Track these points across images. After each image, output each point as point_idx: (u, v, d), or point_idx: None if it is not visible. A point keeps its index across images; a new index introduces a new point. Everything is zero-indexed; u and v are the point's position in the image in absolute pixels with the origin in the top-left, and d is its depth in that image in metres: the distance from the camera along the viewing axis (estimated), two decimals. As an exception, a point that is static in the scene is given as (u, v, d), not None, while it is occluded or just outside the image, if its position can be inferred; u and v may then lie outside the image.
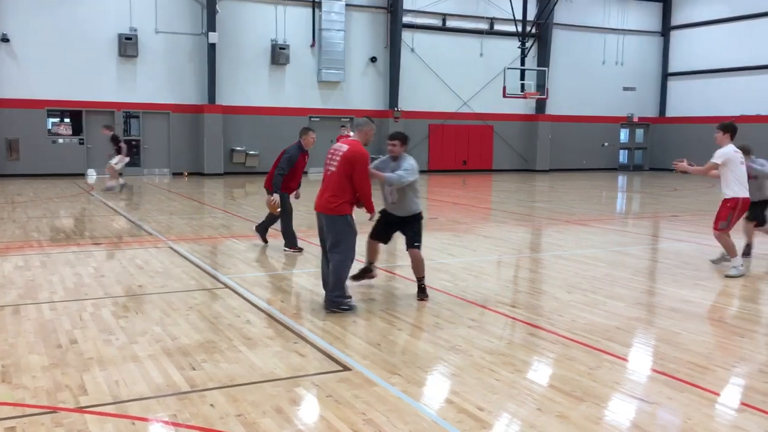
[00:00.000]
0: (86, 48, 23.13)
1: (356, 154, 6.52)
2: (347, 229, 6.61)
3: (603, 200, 20.27)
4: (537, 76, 28.08)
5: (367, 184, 6.61)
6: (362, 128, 6.87)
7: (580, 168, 31.76)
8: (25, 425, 4.04)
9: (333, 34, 26.16)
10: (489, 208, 17.04)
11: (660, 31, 33.22)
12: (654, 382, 4.94)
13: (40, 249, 9.89)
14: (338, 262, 6.60)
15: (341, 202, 6.53)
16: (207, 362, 5.16)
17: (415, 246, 7.13)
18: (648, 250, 11.06)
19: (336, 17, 26.16)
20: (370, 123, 6.94)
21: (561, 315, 6.66)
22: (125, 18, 23.54)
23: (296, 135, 9.73)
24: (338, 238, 6.61)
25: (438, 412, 4.35)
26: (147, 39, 23.87)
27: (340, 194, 6.53)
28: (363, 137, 6.82)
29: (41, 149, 23.08)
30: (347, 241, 6.63)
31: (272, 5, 25.57)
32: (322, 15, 25.99)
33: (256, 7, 25.41)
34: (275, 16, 25.66)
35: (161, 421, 4.15)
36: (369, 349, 5.54)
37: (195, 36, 24.55)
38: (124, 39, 23.34)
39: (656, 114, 33.83)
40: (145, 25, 23.81)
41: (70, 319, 6.27)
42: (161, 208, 15.28)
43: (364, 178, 6.57)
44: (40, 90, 22.75)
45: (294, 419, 4.18)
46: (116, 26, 23.45)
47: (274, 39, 25.63)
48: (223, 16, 24.61)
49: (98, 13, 23.22)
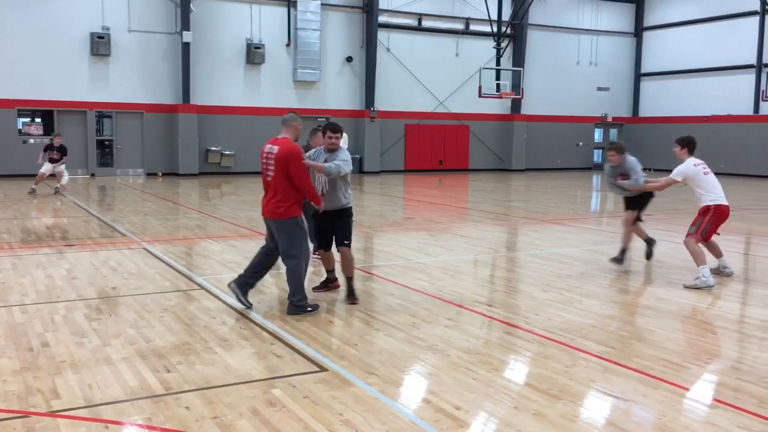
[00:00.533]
0: (58, 47, 22.79)
1: (288, 151, 6.45)
2: (298, 231, 6.56)
3: (578, 199, 20.45)
4: (512, 76, 28.26)
5: (306, 179, 6.51)
6: (290, 124, 6.73)
7: (555, 167, 32.02)
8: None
9: (309, 34, 26.07)
10: (465, 208, 17.10)
11: (633, 32, 33.62)
12: (629, 379, 4.98)
13: (11, 251, 9.72)
14: (293, 267, 6.55)
15: (288, 206, 6.46)
16: (182, 364, 5.11)
17: (344, 244, 7.00)
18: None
19: (312, 17, 26.08)
20: (297, 118, 6.80)
21: (537, 314, 6.70)
22: (97, 16, 23.23)
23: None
24: (289, 241, 6.56)
25: (415, 411, 4.35)
26: (120, 38, 23.59)
27: (286, 198, 6.46)
28: (292, 133, 6.70)
29: (11, 149, 22.69)
30: (299, 244, 6.58)
31: (247, 4, 25.42)
32: (298, 14, 25.88)
33: (230, 6, 25.23)
34: (250, 15, 25.50)
35: (136, 425, 4.10)
36: (346, 350, 5.53)
37: (169, 35, 24.32)
38: (97, 38, 23.03)
39: (630, 114, 34.22)
40: (117, 23, 23.52)
41: (41, 321, 6.17)
42: (135, 208, 15.11)
43: (302, 173, 6.47)
44: (11, 89, 22.36)
45: (271, 421, 4.16)
46: (88, 25, 23.13)
47: (249, 38, 25.48)
48: (197, 15, 24.40)
49: (70, 11, 22.89)
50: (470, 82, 28.60)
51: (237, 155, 25.01)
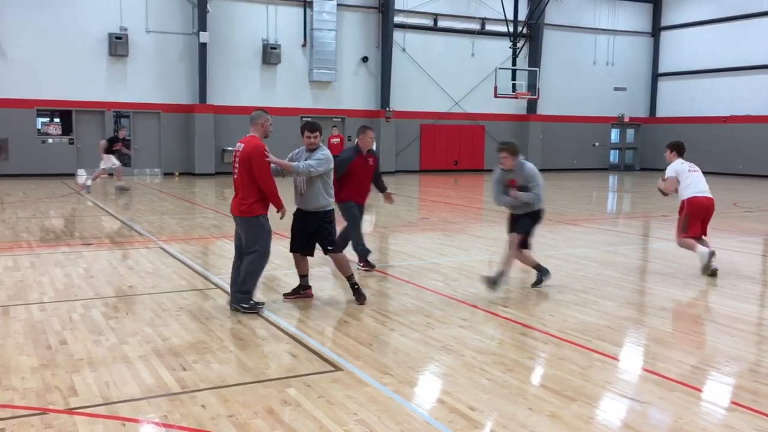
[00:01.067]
0: (76, 47, 23.01)
1: (251, 149, 6.43)
2: (260, 229, 6.56)
3: (594, 200, 20.34)
4: (528, 76, 28.15)
5: (267, 178, 6.45)
6: (257, 121, 6.65)
7: (570, 168, 31.85)
8: (14, 427, 4.01)
9: (324, 34, 26.13)
10: (480, 208, 17.06)
11: (650, 32, 33.37)
12: (645, 381, 4.95)
13: (30, 249, 9.83)
14: (250, 262, 6.57)
15: (251, 203, 6.47)
16: (198, 363, 5.14)
17: (329, 251, 6.89)
18: (638, 250, 11.10)
19: (327, 17, 26.13)
20: (263, 115, 6.71)
21: (552, 315, 6.67)
22: (115, 17, 23.42)
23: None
24: (252, 239, 6.57)
25: (429, 412, 4.35)
26: (138, 38, 23.77)
27: (248, 195, 6.47)
28: (260, 130, 6.64)
29: (31, 149, 22.94)
30: (261, 242, 6.58)
31: (263, 5, 25.52)
32: (314, 15, 25.95)
33: (247, 6, 25.35)
34: (266, 16, 25.61)
35: (152, 422, 4.13)
36: (361, 349, 5.54)
37: (186, 36, 24.47)
38: (115, 38, 23.23)
39: (647, 114, 33.98)
40: (135, 24, 23.71)
41: (59, 319, 6.24)
42: (152, 208, 15.22)
43: (263, 171, 6.42)
44: (30, 90, 22.61)
45: (286, 420, 4.17)
46: (107, 25, 23.33)
47: (265, 39, 25.58)
48: (214, 15, 24.53)
49: (88, 13, 23.10)
50: (486, 83, 28.53)
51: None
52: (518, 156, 7.27)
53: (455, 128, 29.47)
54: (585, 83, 31.92)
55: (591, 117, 32.30)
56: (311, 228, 6.88)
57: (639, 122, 33.87)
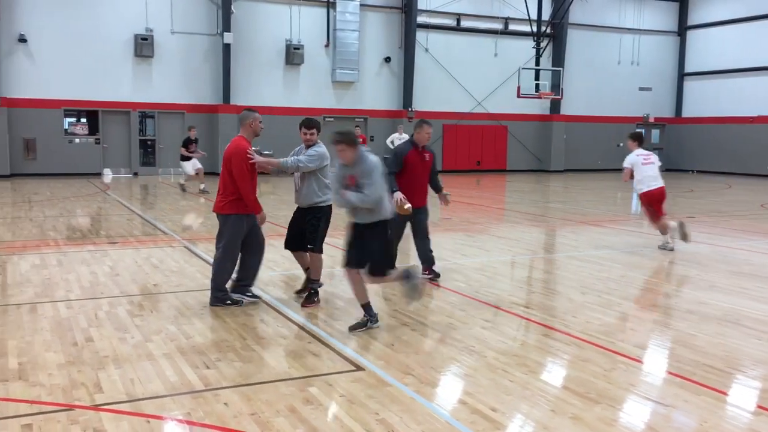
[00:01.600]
0: (103, 48, 23.29)
1: (232, 150, 6.54)
2: (230, 228, 6.66)
3: (618, 201, 20.15)
4: (552, 76, 27.97)
5: (243, 179, 6.49)
6: (245, 121, 6.71)
7: (594, 168, 31.59)
8: (41, 423, 4.07)
9: (347, 34, 26.18)
10: (503, 209, 16.99)
11: (676, 31, 32.98)
12: (669, 384, 4.90)
13: (57, 248, 9.97)
14: (216, 260, 6.74)
15: (229, 201, 6.60)
16: (221, 361, 5.18)
17: (308, 249, 6.82)
18: (663, 252, 10.98)
19: (350, 17, 26.18)
20: (252, 114, 6.75)
21: (575, 316, 6.63)
22: (141, 18, 23.68)
23: None
24: (221, 235, 6.71)
25: (451, 412, 4.35)
26: (163, 39, 24.00)
27: (228, 193, 6.59)
28: (248, 131, 6.69)
29: (58, 149, 23.27)
30: (228, 241, 6.68)
31: (287, 5, 25.64)
32: (337, 15, 26.02)
33: (270, 7, 25.49)
34: (290, 17, 25.72)
35: (176, 420, 4.17)
36: (382, 350, 5.54)
37: (210, 36, 24.67)
38: (140, 39, 23.48)
39: (672, 114, 33.59)
40: (160, 25, 23.95)
41: (86, 317, 6.32)
42: (176, 207, 15.37)
43: (241, 172, 6.47)
44: (57, 90, 22.93)
45: (307, 418, 4.19)
46: (132, 27, 23.59)
47: (288, 39, 25.70)
48: (238, 16, 24.70)
49: (115, 14, 23.38)
50: (509, 83, 28.39)
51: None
52: (357, 147, 5.88)
53: (478, 128, 29.37)
54: (609, 83, 31.63)
55: (615, 117, 32.00)
56: (304, 224, 6.89)
57: (664, 122, 33.50)
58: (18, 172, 22.55)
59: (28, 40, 22.44)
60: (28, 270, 8.35)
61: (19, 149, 22.72)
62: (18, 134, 22.67)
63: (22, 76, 22.56)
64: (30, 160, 22.93)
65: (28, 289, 7.35)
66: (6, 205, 15.03)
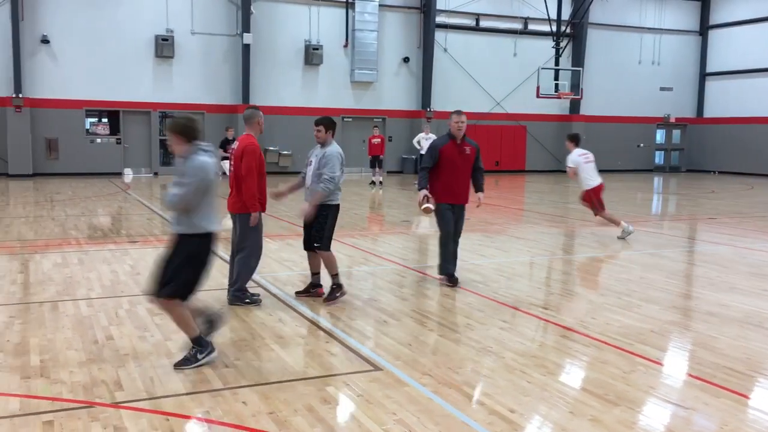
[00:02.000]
0: (124, 49, 23.52)
1: (243, 148, 6.63)
2: (251, 227, 6.71)
3: (638, 202, 19.98)
4: (571, 76, 27.82)
5: (249, 176, 6.56)
6: (251, 120, 6.81)
7: (614, 169, 31.33)
8: (62, 419, 4.12)
9: (366, 35, 26.21)
10: (521, 209, 16.92)
11: (698, 31, 32.65)
12: (690, 387, 4.86)
13: (78, 246, 10.08)
14: (241, 259, 6.77)
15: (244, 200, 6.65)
16: (240, 360, 5.21)
17: (315, 247, 6.85)
18: (684, 253, 10.88)
19: (369, 17, 26.21)
20: (258, 113, 6.83)
21: (594, 317, 6.58)
22: (162, 19, 23.88)
23: None
24: (243, 235, 6.74)
25: (469, 413, 4.34)
26: (183, 40, 24.19)
27: (241, 192, 6.65)
28: (255, 129, 6.80)
29: (80, 149, 23.53)
30: (252, 238, 6.75)
31: (306, 6, 25.73)
32: (356, 15, 26.05)
33: (290, 8, 25.59)
34: (309, 17, 25.80)
35: (195, 418, 4.20)
36: (400, 350, 5.54)
37: (230, 37, 24.81)
38: (161, 40, 23.68)
39: (694, 114, 33.26)
40: (181, 26, 24.14)
41: (106, 315, 6.39)
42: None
43: (249, 169, 6.56)
44: (79, 90, 23.19)
45: (325, 418, 4.20)
46: (153, 27, 23.80)
47: (307, 39, 25.78)
48: (257, 17, 24.82)
49: (136, 15, 23.60)
50: (528, 83, 28.27)
51: (294, 155, 25.32)
52: (190, 142, 4.91)
53: (496, 128, 29.27)
54: (630, 83, 31.39)
55: (636, 117, 31.75)
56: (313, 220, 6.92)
57: (686, 123, 33.18)
58: (40, 171, 22.83)
59: (50, 41, 22.71)
60: (50, 268, 8.45)
61: (41, 149, 23.01)
62: (40, 134, 22.95)
63: (44, 76, 22.84)
64: (52, 159, 23.21)
65: (50, 288, 7.44)
66: (29, 204, 15.23)
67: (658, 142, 33.32)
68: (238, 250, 6.80)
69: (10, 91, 22.19)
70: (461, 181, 7.50)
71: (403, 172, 27.52)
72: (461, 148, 7.46)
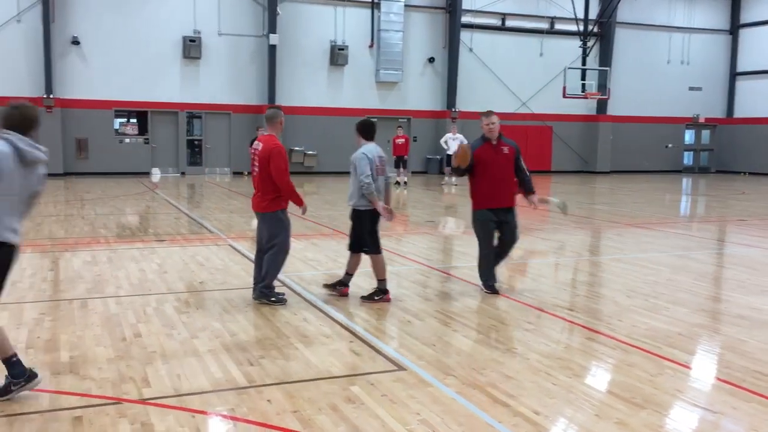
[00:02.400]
0: (152, 50, 23.80)
1: (270, 149, 6.69)
2: (279, 224, 6.78)
3: (666, 203, 19.75)
4: (598, 75, 27.56)
5: (283, 177, 6.65)
6: (274, 120, 6.91)
7: (642, 170, 31.01)
8: (91, 415, 4.18)
9: (391, 35, 26.23)
10: (546, 210, 16.80)
11: (728, 29, 32.16)
12: (718, 391, 4.79)
13: (107, 245, 10.22)
14: (270, 256, 6.81)
15: (271, 199, 6.72)
16: (264, 358, 5.25)
17: (363, 251, 6.96)
18: (713, 255, 10.72)
19: (395, 18, 26.23)
20: (278, 114, 6.92)
21: (621, 320, 6.52)
22: (189, 21, 24.12)
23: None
24: (272, 233, 6.81)
25: (493, 414, 4.32)
26: (210, 41, 24.41)
27: (268, 192, 6.71)
28: (276, 129, 6.91)
29: (109, 148, 23.86)
30: (280, 236, 6.80)
31: (332, 6, 25.81)
32: (381, 16, 26.09)
33: (315, 8, 25.69)
34: (334, 17, 25.88)
35: (220, 415, 4.24)
36: (424, 350, 5.54)
37: (256, 38, 24.98)
38: (189, 41, 23.92)
39: (723, 114, 32.77)
40: (208, 27, 24.36)
41: (134, 313, 6.47)
42: (222, 206, 15.59)
43: (280, 170, 6.63)
44: (108, 91, 23.51)
45: (349, 417, 4.22)
46: (181, 29, 24.05)
47: (333, 40, 25.86)
48: (283, 17, 24.96)
49: (164, 17, 23.87)
50: (554, 83, 28.07)
51: (319, 155, 25.42)
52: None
53: (522, 129, 29.03)
54: (658, 83, 31.02)
55: (664, 117, 31.37)
56: None
57: (715, 123, 32.70)
58: (71, 171, 23.18)
59: (80, 42, 23.05)
60: (80, 266, 8.58)
61: (71, 149, 23.37)
62: (71, 134, 23.32)
63: (75, 77, 23.20)
64: (82, 159, 23.57)
65: (80, 285, 7.56)
66: (59, 203, 15.47)
67: (687, 143, 32.89)
68: (268, 247, 6.84)
69: (41, 92, 22.57)
70: (504, 183, 7.25)
71: (427, 172, 27.49)
72: (498, 148, 7.24)
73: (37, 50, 22.50)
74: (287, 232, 6.88)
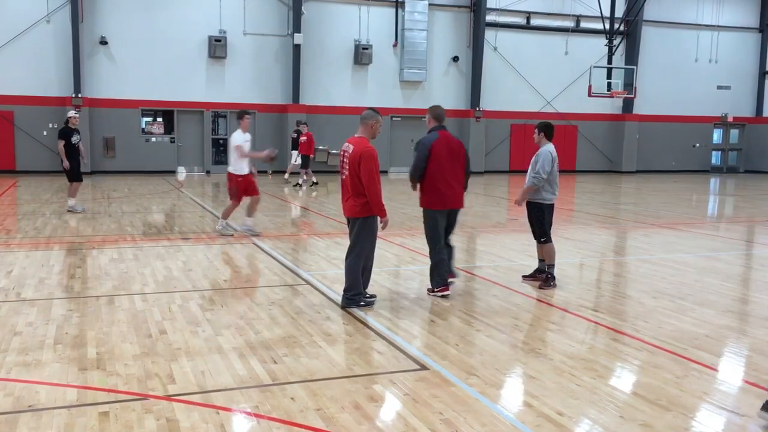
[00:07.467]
0: (178, 50, 24.03)
1: (360, 153, 6.38)
2: (366, 230, 6.58)
3: (693, 203, 19.50)
4: (624, 74, 27.25)
5: (372, 183, 6.36)
6: (367, 122, 6.59)
7: (669, 169, 30.65)
8: (117, 411, 4.24)
9: (416, 34, 26.20)
10: (572, 210, 16.67)
11: (758, 27, 31.66)
12: (746, 393, 4.73)
13: (134, 243, 10.35)
14: (349, 264, 6.64)
15: (363, 203, 6.48)
16: (288, 356, 5.28)
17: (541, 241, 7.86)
18: (741, 256, 10.57)
19: (419, 17, 26.20)
20: (374, 115, 6.62)
21: (646, 321, 6.46)
22: (215, 20, 24.31)
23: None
24: (354, 240, 6.64)
25: (516, 415, 4.30)
26: (235, 41, 24.57)
27: (358, 195, 6.48)
28: (369, 131, 6.60)
29: (135, 147, 24.14)
30: (361, 244, 6.60)
31: (356, 6, 25.85)
32: (405, 15, 26.07)
33: (340, 7, 25.75)
34: (359, 17, 25.92)
35: (244, 412, 4.27)
36: (447, 349, 5.53)
37: (281, 37, 25.10)
38: (214, 41, 24.11)
39: (752, 114, 32.26)
40: (234, 27, 24.53)
41: (160, 310, 6.54)
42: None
43: (370, 176, 6.34)
44: (135, 90, 23.78)
45: (372, 416, 4.23)
46: (207, 29, 24.25)
47: (357, 39, 25.90)
48: (308, 17, 25.05)
49: (190, 17, 24.08)
50: (579, 81, 27.85)
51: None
52: None
53: (547, 128, 28.87)
54: (686, 82, 30.63)
55: (691, 117, 30.97)
56: None
57: (744, 122, 32.21)
58: (98, 169, 23.49)
59: (108, 42, 23.34)
60: (106, 264, 8.69)
61: (99, 147, 23.67)
62: (98, 133, 23.62)
63: (102, 77, 23.50)
64: (109, 157, 23.87)
65: (107, 282, 7.66)
66: (87, 201, 15.68)
67: (715, 142, 32.44)
68: (348, 253, 6.71)
69: (70, 91, 22.89)
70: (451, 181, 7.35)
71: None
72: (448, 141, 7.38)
73: (66, 50, 22.83)
74: (373, 239, 6.65)
